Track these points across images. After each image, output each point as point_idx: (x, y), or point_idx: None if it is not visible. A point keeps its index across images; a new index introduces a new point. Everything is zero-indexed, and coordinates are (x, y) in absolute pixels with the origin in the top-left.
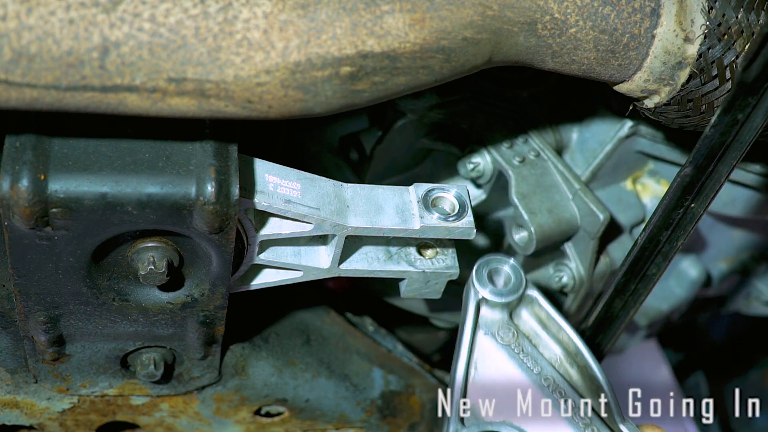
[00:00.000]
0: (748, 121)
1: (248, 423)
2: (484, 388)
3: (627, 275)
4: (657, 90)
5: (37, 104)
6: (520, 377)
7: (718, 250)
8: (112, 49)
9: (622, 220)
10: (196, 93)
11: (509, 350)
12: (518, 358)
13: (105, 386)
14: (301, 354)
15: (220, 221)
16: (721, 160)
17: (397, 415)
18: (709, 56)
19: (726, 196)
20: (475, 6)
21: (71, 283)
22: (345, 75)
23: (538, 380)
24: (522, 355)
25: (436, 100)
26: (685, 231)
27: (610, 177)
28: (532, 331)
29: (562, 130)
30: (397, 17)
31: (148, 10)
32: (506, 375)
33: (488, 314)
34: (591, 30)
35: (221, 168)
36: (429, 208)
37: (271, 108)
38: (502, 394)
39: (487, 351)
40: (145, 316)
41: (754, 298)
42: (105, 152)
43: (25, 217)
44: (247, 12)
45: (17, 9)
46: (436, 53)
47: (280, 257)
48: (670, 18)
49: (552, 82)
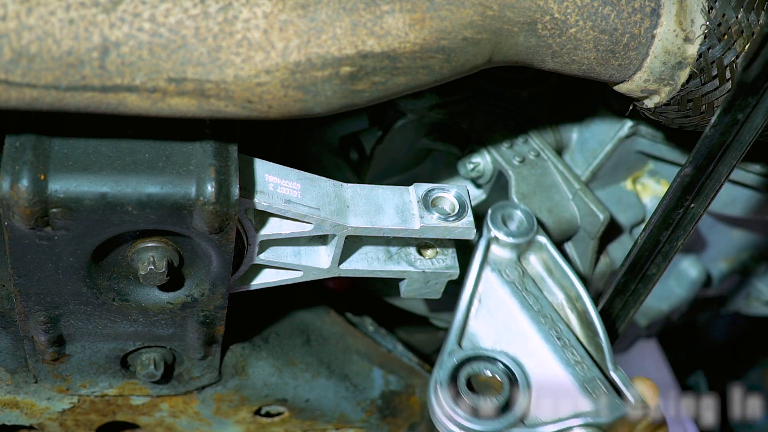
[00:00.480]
0: (748, 121)
1: (248, 423)
2: (485, 318)
3: (627, 275)
4: (657, 90)
5: (37, 104)
6: (521, 312)
7: (718, 250)
8: (112, 49)
9: (622, 220)
10: (196, 93)
11: (513, 287)
12: (521, 295)
13: (105, 386)
14: (301, 354)
15: (220, 221)
16: (721, 160)
17: (397, 415)
18: (709, 56)
19: (726, 196)
20: (475, 6)
21: (71, 283)
22: (345, 75)
23: (537, 317)
24: (525, 293)
25: (436, 100)
26: (685, 231)
27: (610, 177)
28: (537, 275)
29: (562, 130)
30: (397, 17)
31: (148, 10)
32: (508, 309)
33: (497, 252)
34: (591, 30)
35: (221, 168)
36: (429, 208)
37: (271, 108)
38: (502, 326)
39: (492, 285)
40: (145, 316)
41: (754, 298)
42: (105, 152)
43: (25, 217)
44: (247, 12)
45: (17, 9)
46: (436, 53)
47: (280, 257)
48: (670, 18)
49: (552, 82)
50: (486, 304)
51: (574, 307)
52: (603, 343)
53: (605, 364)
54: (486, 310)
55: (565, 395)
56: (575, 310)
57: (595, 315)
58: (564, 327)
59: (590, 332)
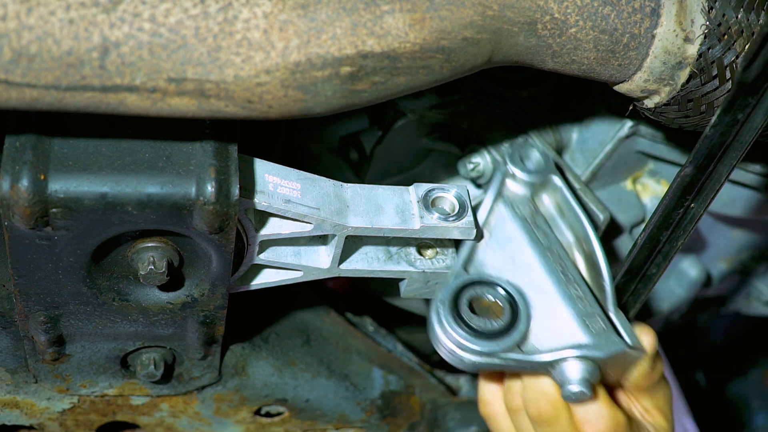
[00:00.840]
0: (748, 121)
1: (248, 423)
2: (493, 249)
3: (627, 275)
4: (657, 90)
5: (37, 104)
6: (528, 246)
7: (718, 250)
8: (112, 49)
9: (622, 220)
10: (196, 93)
11: (524, 222)
12: (530, 230)
13: (105, 386)
14: (301, 354)
15: (220, 221)
16: (721, 160)
17: (397, 415)
18: (709, 56)
19: (726, 196)
20: (475, 6)
21: (71, 283)
22: (345, 75)
23: (544, 251)
24: (535, 228)
25: (436, 100)
26: (685, 231)
27: (610, 177)
28: (549, 214)
29: (562, 130)
30: (397, 17)
31: (148, 10)
32: (516, 242)
33: (512, 188)
34: (591, 30)
35: (221, 168)
36: (429, 208)
37: (271, 108)
38: (509, 258)
39: (503, 218)
40: (145, 316)
41: (754, 298)
42: (105, 152)
43: (25, 217)
44: (247, 12)
45: (17, 9)
46: (436, 53)
47: (280, 257)
48: (670, 18)
49: (552, 82)
50: (496, 236)
51: (582, 248)
52: (606, 285)
53: (607, 305)
54: (495, 241)
55: (565, 327)
56: (583, 251)
57: (602, 257)
58: (570, 264)
59: (595, 273)
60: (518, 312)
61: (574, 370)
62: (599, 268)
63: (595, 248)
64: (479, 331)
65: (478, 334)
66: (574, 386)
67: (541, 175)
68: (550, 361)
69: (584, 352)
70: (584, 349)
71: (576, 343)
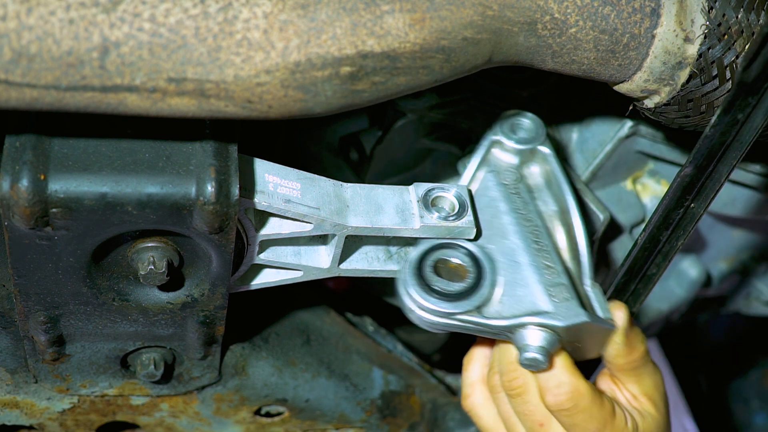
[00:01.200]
0: (748, 121)
1: (248, 423)
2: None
3: (627, 275)
4: (657, 90)
5: (37, 104)
6: (506, 213)
7: (719, 250)
8: (112, 49)
9: (622, 220)
10: (196, 93)
11: (506, 189)
12: (511, 198)
13: (105, 386)
14: (301, 354)
15: (220, 221)
16: (721, 160)
17: (397, 415)
18: (709, 56)
19: (726, 196)
20: (475, 6)
21: (71, 283)
22: (345, 75)
23: (520, 219)
24: (516, 196)
25: (436, 100)
26: (685, 231)
27: (610, 177)
28: (536, 185)
29: (562, 130)
30: (397, 17)
31: (148, 10)
32: (495, 208)
33: (500, 156)
34: (591, 30)
35: (221, 168)
36: (429, 207)
37: (271, 108)
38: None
39: (486, 185)
40: (145, 316)
41: (754, 298)
42: (105, 152)
43: (25, 217)
44: (247, 12)
45: (17, 9)
46: (436, 53)
47: (280, 257)
48: (670, 18)
49: (552, 82)
50: (476, 202)
51: (563, 220)
52: (584, 258)
53: (581, 278)
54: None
55: (528, 295)
56: (564, 224)
57: (581, 230)
58: (545, 234)
59: (574, 246)
60: (482, 276)
61: (533, 338)
62: (575, 243)
63: (575, 220)
64: (439, 292)
65: (438, 294)
66: (530, 353)
67: (527, 144)
68: (508, 326)
69: (543, 320)
70: (544, 317)
71: (536, 311)
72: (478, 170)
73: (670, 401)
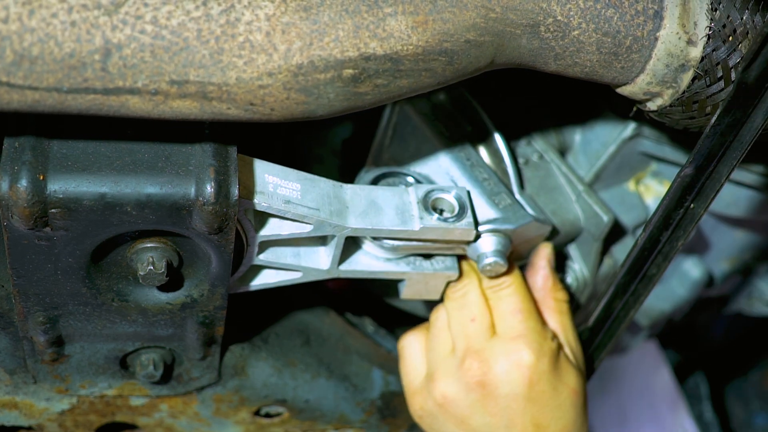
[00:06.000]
0: (748, 121)
1: (248, 423)
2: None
3: (627, 275)
4: (659, 92)
5: (39, 107)
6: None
7: (721, 251)
8: (114, 51)
9: (625, 221)
10: (198, 95)
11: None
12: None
13: (104, 387)
14: (301, 354)
15: (220, 222)
16: (722, 160)
17: (397, 416)
18: (713, 58)
19: (729, 196)
20: (477, 8)
21: (70, 283)
22: (347, 77)
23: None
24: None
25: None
26: (685, 231)
27: (613, 178)
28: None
29: (565, 132)
30: (400, 20)
31: (150, 12)
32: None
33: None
34: (594, 32)
35: (221, 168)
36: (429, 208)
37: (274, 110)
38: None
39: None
40: (144, 316)
41: (756, 298)
42: (104, 153)
43: (24, 217)
44: (249, 14)
45: (19, 11)
46: (438, 56)
47: (280, 258)
48: (673, 21)
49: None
50: (400, 132)
51: (481, 138)
52: (509, 168)
53: (511, 187)
54: (400, 137)
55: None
56: (483, 141)
57: (502, 143)
58: (472, 151)
59: (498, 160)
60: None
61: (488, 244)
62: (500, 154)
63: (495, 136)
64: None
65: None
66: (489, 258)
67: None
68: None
69: (495, 226)
70: (495, 223)
71: (486, 219)
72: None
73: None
